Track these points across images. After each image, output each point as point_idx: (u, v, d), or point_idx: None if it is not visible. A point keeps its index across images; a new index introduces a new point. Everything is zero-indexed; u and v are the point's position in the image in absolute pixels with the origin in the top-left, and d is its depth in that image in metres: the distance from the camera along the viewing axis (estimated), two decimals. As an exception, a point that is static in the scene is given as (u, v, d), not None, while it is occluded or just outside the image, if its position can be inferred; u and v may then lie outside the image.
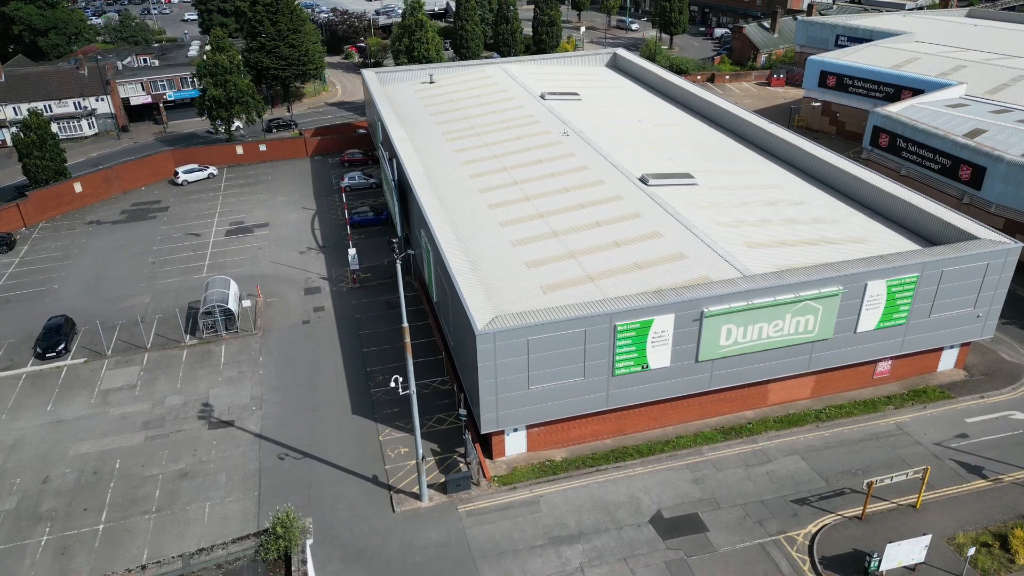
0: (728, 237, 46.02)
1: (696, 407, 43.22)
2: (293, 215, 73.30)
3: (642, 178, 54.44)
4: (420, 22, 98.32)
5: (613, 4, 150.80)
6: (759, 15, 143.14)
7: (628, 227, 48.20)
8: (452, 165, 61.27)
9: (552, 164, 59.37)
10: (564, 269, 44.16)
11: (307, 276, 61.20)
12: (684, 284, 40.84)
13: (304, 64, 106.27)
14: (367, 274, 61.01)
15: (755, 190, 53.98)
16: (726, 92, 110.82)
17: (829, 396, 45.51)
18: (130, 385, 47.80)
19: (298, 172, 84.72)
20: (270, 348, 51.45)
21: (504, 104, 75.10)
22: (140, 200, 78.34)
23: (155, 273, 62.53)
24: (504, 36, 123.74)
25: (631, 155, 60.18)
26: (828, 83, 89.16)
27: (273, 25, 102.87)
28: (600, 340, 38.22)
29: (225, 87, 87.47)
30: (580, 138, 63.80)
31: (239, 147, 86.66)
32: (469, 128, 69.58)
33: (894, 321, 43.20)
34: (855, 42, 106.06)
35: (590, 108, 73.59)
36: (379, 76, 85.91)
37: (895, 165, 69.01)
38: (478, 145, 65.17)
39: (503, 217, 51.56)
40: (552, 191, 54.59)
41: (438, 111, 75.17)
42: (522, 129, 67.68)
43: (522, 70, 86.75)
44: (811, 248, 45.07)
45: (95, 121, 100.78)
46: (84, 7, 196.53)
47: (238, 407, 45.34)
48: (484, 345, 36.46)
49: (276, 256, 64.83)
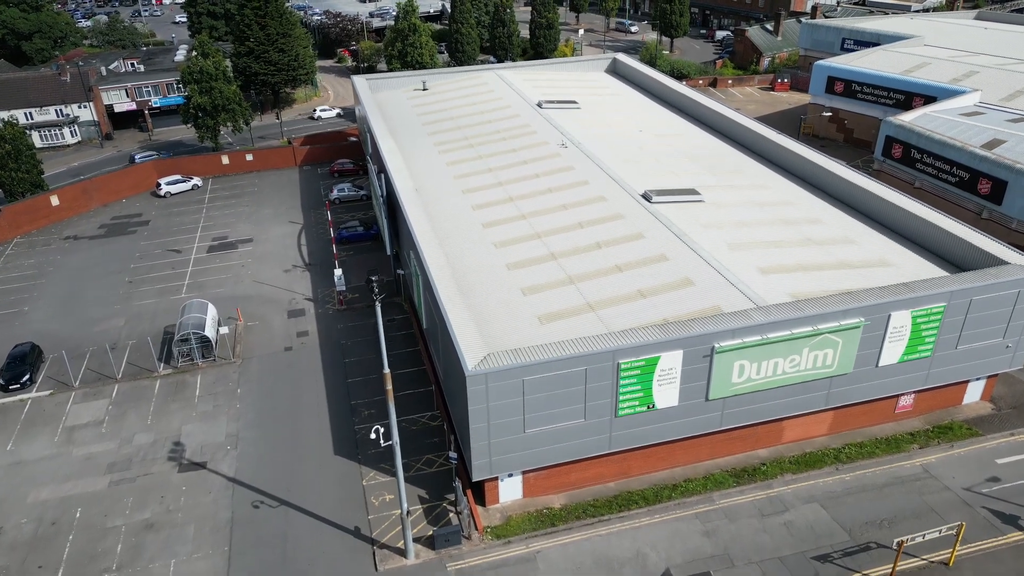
0: (739, 261, 42.84)
1: (706, 446, 40.02)
2: (279, 229, 70.05)
3: (645, 194, 51.27)
4: (413, 26, 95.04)
5: (612, 6, 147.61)
6: (761, 17, 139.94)
7: (631, 249, 45.02)
8: (444, 179, 58.09)
9: (550, 178, 56.20)
10: (562, 296, 40.98)
11: (291, 297, 57.95)
12: (692, 315, 37.67)
13: (294, 69, 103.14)
14: (354, 295, 57.78)
15: (766, 207, 50.80)
16: (729, 97, 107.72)
17: (848, 432, 42.31)
18: (97, 421, 44.53)
19: (286, 183, 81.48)
20: (249, 378, 48.19)
21: (500, 113, 71.91)
22: (120, 213, 75.06)
23: (131, 293, 59.25)
24: (501, 39, 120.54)
25: (632, 168, 57.03)
26: (835, 89, 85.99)
27: (262, 29, 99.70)
28: (602, 379, 35.03)
29: (210, 94, 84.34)
30: (579, 150, 60.63)
31: (225, 157, 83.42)
32: (463, 139, 66.37)
33: (919, 354, 40.02)
34: (861, 46, 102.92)
35: (589, 117, 70.40)
36: (370, 83, 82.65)
37: (909, 177, 65.86)
38: (472, 157, 61.98)
39: (498, 237, 48.38)
40: (550, 208, 51.42)
41: (430, 120, 71.97)
42: (518, 140, 64.50)
43: (518, 77, 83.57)
44: (830, 273, 41.89)
45: (77, 129, 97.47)
46: (73, 9, 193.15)
47: (212, 446, 42.08)
48: (475, 387, 33.25)
49: (260, 274, 61.57)
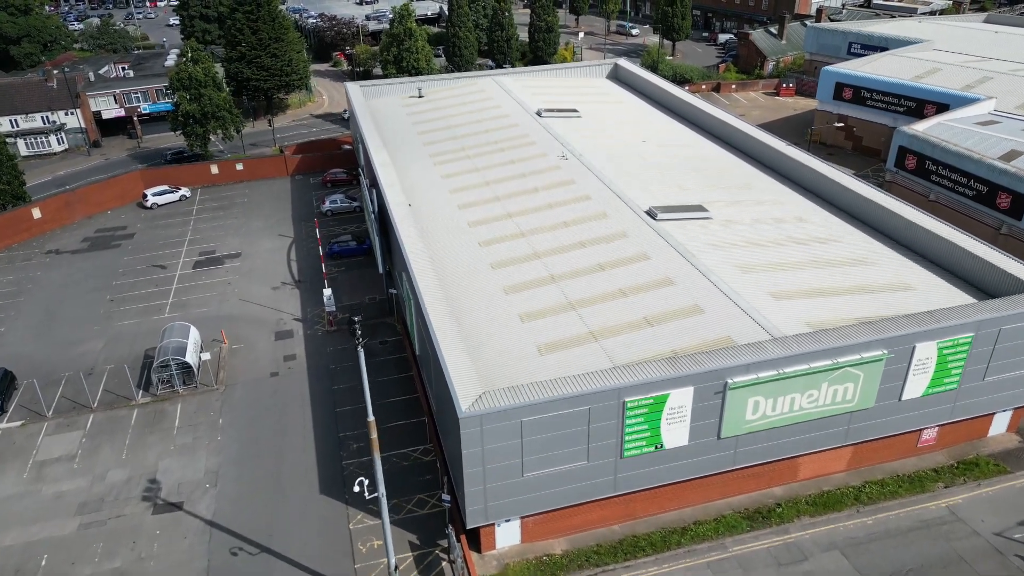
0: (751, 285, 40.29)
1: (717, 486, 37.45)
2: (268, 243, 67.45)
3: (649, 211, 48.72)
4: (409, 31, 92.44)
5: (613, 8, 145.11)
6: (765, 20, 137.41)
7: (635, 272, 42.48)
8: (439, 193, 55.56)
9: (550, 193, 53.66)
10: (563, 324, 38.43)
11: (279, 317, 55.36)
12: (702, 347, 35.14)
13: (287, 75, 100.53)
14: (345, 315, 55.22)
15: (777, 225, 48.25)
16: (732, 102, 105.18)
17: (868, 468, 39.75)
18: (69, 455, 41.93)
19: (277, 193, 78.89)
20: (232, 407, 45.60)
21: (498, 122, 69.34)
22: (104, 226, 72.46)
23: (112, 313, 56.65)
24: (499, 43, 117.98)
25: (636, 182, 54.50)
26: (844, 95, 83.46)
27: (254, 34, 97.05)
28: (607, 419, 32.49)
29: (200, 101, 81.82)
30: (580, 162, 58.09)
31: (214, 166, 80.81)
32: (459, 149, 63.82)
33: (944, 386, 37.47)
34: (869, 50, 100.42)
35: (590, 126, 67.85)
36: (364, 90, 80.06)
37: (923, 189, 63.34)
38: (468, 170, 59.43)
39: (495, 257, 45.84)
40: (550, 226, 48.89)
41: (426, 129, 69.39)
42: (517, 151, 61.95)
43: (517, 83, 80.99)
44: (848, 299, 39.33)
45: (64, 136, 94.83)
46: (66, 12, 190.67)
47: (189, 484, 39.49)
48: (469, 430, 30.70)
49: (247, 292, 58.98)
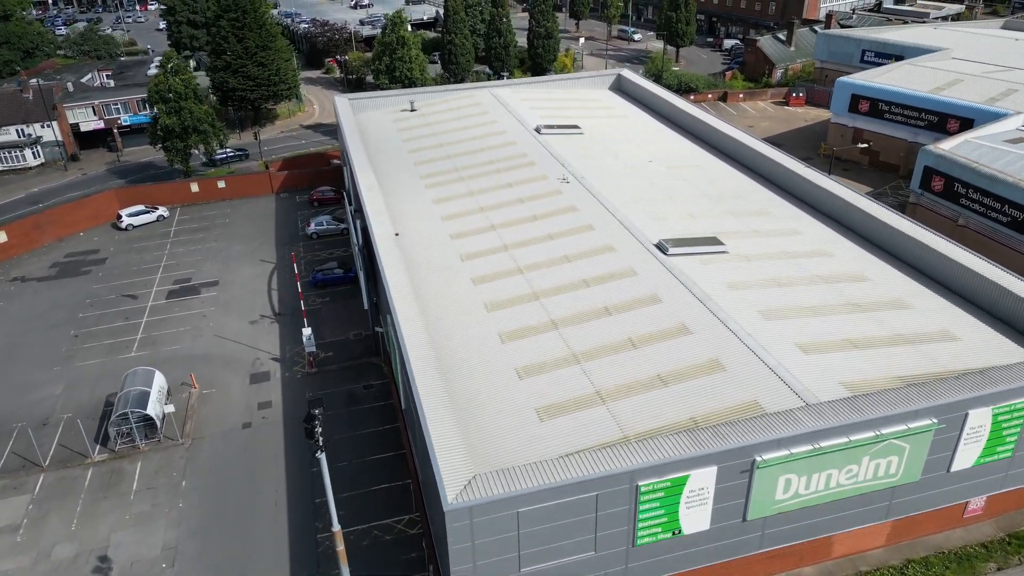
0: (776, 336, 35.89)
1: (740, 569, 33.06)
2: (249, 270, 63.01)
3: (659, 245, 44.34)
4: (402, 39, 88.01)
5: (614, 13, 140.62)
6: (772, 26, 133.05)
7: (646, 317, 38.10)
8: (430, 220, 51.19)
9: (550, 222, 49.30)
10: (566, 381, 34.06)
11: (256, 356, 50.94)
12: (725, 414, 30.77)
13: (275, 84, 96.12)
14: (327, 353, 50.85)
15: (800, 260, 43.86)
16: (740, 113, 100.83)
17: (908, 543, 35.36)
18: (13, 526, 37.48)
19: (260, 213, 74.45)
20: (198, 466, 41.17)
21: (494, 139, 64.94)
22: (76, 249, 68.00)
23: (75, 351, 52.23)
24: (497, 50, 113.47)
25: (643, 209, 50.14)
26: (860, 108, 79.08)
27: (240, 42, 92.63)
28: (617, 505, 28.13)
29: (179, 115, 77.37)
30: (582, 186, 53.74)
31: (194, 184, 76.35)
32: (452, 170, 59.43)
33: (997, 455, 33.14)
34: (883, 58, 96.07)
35: (593, 145, 63.45)
36: (353, 103, 75.64)
37: (951, 213, 58.94)
38: (462, 193, 55.05)
39: (490, 296, 41.48)
40: (551, 260, 44.52)
41: (418, 147, 64.99)
42: (514, 173, 57.57)
43: (515, 96, 76.58)
44: (884, 351, 34.95)
45: (40, 150, 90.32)
46: (54, 16, 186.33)
47: (144, 562, 35.06)
48: (457, 523, 26.33)
49: (222, 327, 54.56)
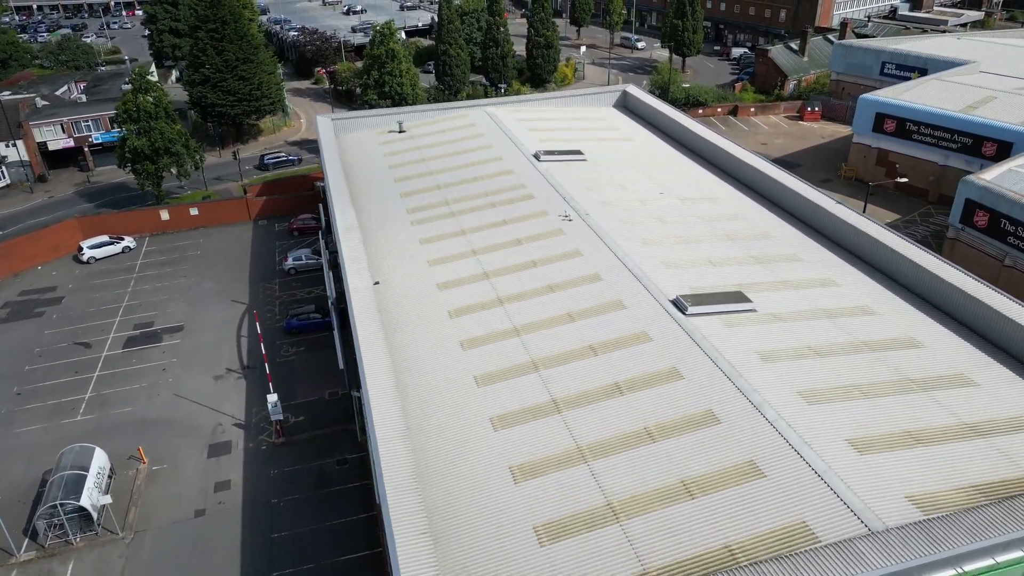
0: (822, 427, 29.96)
1: None
2: (218, 312, 57.11)
3: (677, 302, 38.46)
4: (391, 52, 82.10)
5: (616, 20, 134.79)
6: (783, 34, 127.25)
7: (665, 399, 32.21)
8: (415, 265, 45.41)
9: (551, 269, 43.45)
10: (571, 486, 28.23)
11: (217, 422, 45.02)
12: (768, 541, 24.88)
13: (257, 99, 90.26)
14: (299, 417, 44.99)
15: (840, 320, 37.96)
16: (752, 128, 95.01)
17: None
18: (-90, 651, 31.78)
19: (235, 244, 68.53)
20: (138, 567, 35.24)
21: (489, 167, 59.06)
22: (31, 287, 62.06)
23: (14, 414, 46.33)
24: (494, 61, 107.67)
25: (656, 254, 44.29)
26: (885, 128, 73.20)
27: (219, 55, 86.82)
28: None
29: (149, 136, 71.54)
30: (586, 225, 47.90)
31: (164, 211, 70.42)
32: (442, 203, 53.61)
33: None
34: (905, 71, 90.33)
35: (597, 173, 57.58)
36: (336, 123, 69.80)
37: (997, 252, 53.07)
38: (453, 232, 49.21)
39: (482, 366, 35.65)
40: (552, 319, 38.69)
41: (405, 175, 59.13)
42: (511, 208, 51.72)
43: (512, 116, 70.66)
44: (955, 449, 29.05)
45: (5, 171, 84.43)
46: (38, 22, 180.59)
47: None
48: None
49: (183, 384, 48.67)
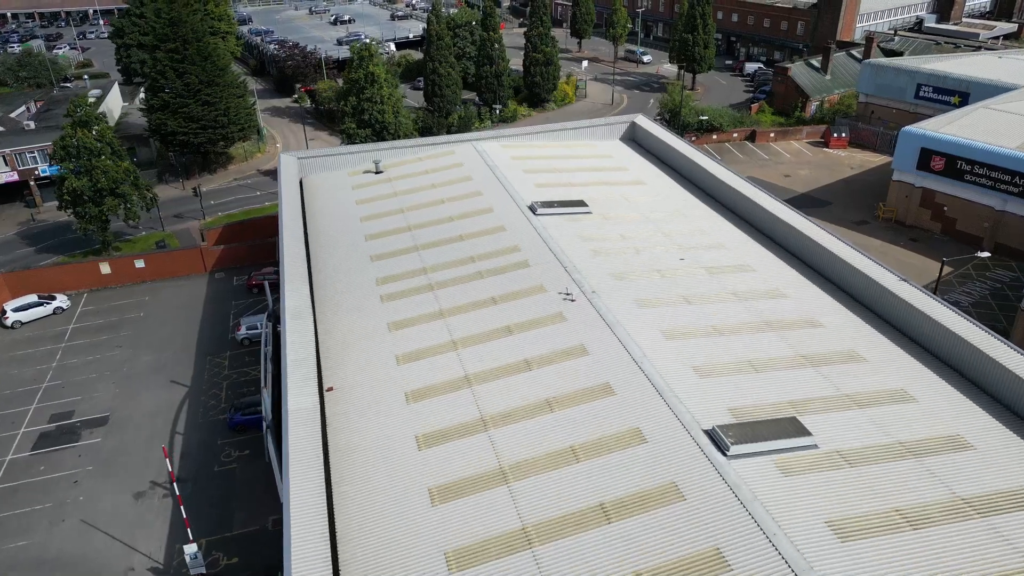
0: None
1: None
2: (152, 398, 47.98)
3: (714, 436, 29.39)
4: (371, 76, 73.02)
5: (621, 32, 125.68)
6: (801, 48, 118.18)
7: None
8: (381, 365, 36.46)
9: (549, 374, 34.41)
10: None
11: (127, 565, 35.84)
12: None
13: (224, 126, 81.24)
14: (234, 558, 35.87)
15: (927, 460, 28.91)
16: (773, 157, 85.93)
17: None
18: None
19: (185, 303, 59.35)
20: None
21: (477, 221, 49.94)
22: (-60, 359, 53.13)
23: None
24: (488, 79, 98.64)
25: (684, 355, 35.20)
26: (932, 166, 64.09)
27: (180, 77, 77.87)
28: None
29: (91, 175, 62.57)
30: (592, 306, 38.84)
31: (104, 264, 61.23)
32: (420, 271, 44.54)
33: None
34: (943, 94, 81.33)
35: (604, 230, 48.48)
36: (302, 163, 60.71)
37: (1090, 333, 44.07)
38: (431, 314, 40.14)
39: (459, 527, 26.67)
40: (551, 456, 29.77)
41: (378, 232, 50.03)
42: (501, 279, 42.60)
43: (505, 153, 61.46)
44: None
45: (-62, 208, 75.59)
46: (11, 31, 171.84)
47: None
48: None
49: (95, 503, 39.49)
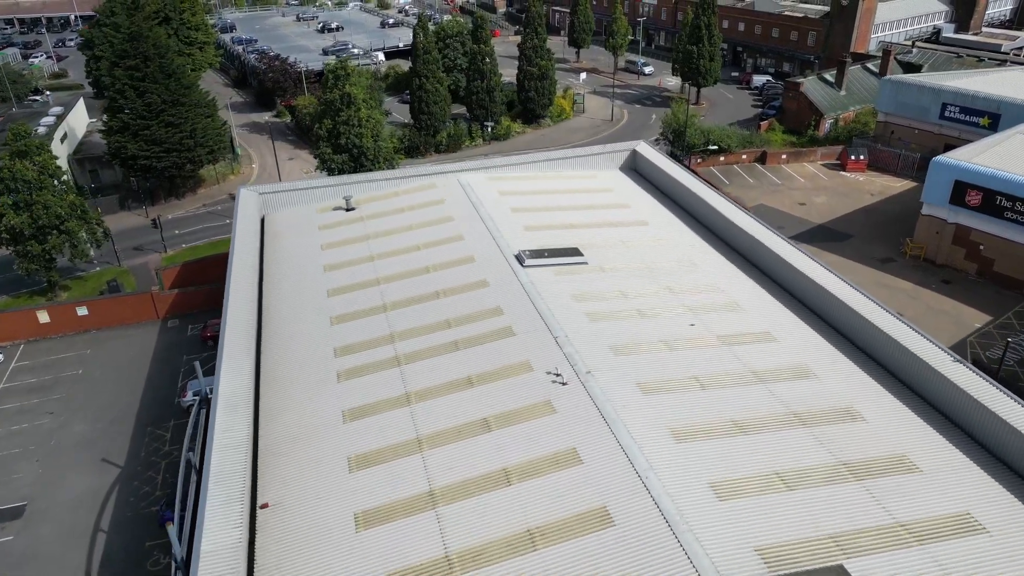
0: None
1: None
2: (79, 482, 41.44)
3: (739, 592, 22.94)
4: (348, 97, 66.57)
5: (621, 42, 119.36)
6: (812, 60, 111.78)
7: None
8: (330, 473, 30.04)
9: (533, 488, 27.91)
10: None
11: None
12: None
13: (190, 149, 74.90)
14: None
15: None
16: (785, 181, 79.50)
17: None
18: None
19: (132, 357, 52.82)
20: None
21: (456, 274, 43.50)
22: None
23: None
24: (479, 95, 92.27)
25: (698, 465, 28.68)
26: (968, 201, 57.65)
27: (140, 97, 71.53)
28: None
29: (31, 210, 56.24)
30: (586, 393, 32.43)
31: (42, 313, 54.67)
32: (387, 338, 38.16)
33: None
34: (971, 115, 74.99)
35: (601, 285, 42.03)
36: (264, 198, 54.28)
37: None
38: (396, 398, 33.71)
39: None
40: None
41: (343, 285, 43.63)
42: (480, 352, 36.14)
43: (493, 188, 55.05)
44: None
45: None
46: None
47: None
48: None
49: (-7, 628, 33.25)
